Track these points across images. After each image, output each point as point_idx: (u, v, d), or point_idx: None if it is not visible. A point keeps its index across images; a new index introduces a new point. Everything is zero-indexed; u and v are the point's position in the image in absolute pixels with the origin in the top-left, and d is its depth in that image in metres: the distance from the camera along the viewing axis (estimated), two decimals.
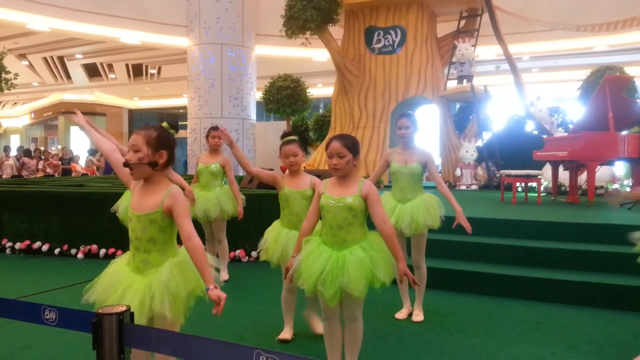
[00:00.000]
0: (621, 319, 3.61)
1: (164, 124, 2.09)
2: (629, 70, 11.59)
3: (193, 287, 1.99)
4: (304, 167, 11.58)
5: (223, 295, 1.83)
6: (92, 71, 19.04)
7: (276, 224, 3.16)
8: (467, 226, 3.31)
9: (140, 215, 1.99)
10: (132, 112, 25.43)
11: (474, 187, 10.29)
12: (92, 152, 16.60)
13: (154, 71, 18.97)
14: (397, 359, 2.93)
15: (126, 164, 1.96)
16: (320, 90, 18.73)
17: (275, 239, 3.04)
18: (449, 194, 3.39)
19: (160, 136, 2.00)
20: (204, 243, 5.20)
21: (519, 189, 8.04)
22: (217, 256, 4.92)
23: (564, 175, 8.02)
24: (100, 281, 2.04)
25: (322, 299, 2.34)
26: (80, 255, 5.91)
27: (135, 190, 2.07)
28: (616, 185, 8.98)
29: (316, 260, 2.30)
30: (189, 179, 8.34)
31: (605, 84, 6.54)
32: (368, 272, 2.26)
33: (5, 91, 11.02)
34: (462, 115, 13.04)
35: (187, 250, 1.94)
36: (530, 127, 11.00)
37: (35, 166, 13.49)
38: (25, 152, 14.11)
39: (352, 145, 2.37)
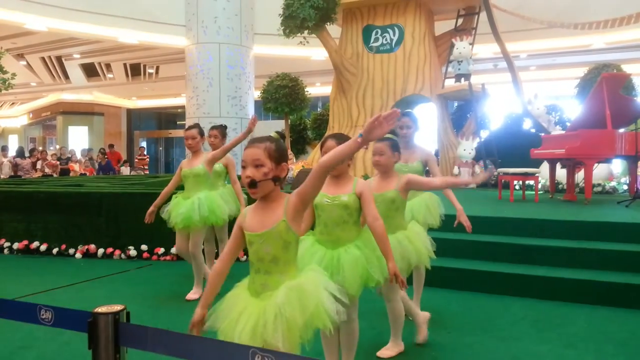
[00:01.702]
0: (618, 316, 3.62)
1: (274, 134, 1.97)
2: (626, 68, 11.59)
3: (311, 315, 1.76)
4: (303, 166, 11.59)
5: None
6: (90, 71, 19.01)
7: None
8: (468, 225, 3.32)
9: (264, 233, 1.82)
10: (130, 112, 25.39)
11: (472, 185, 10.30)
12: (86, 151, 16.59)
13: (152, 71, 18.95)
14: (394, 357, 2.93)
15: (253, 184, 1.80)
16: (318, 89, 18.73)
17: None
18: (449, 192, 3.41)
19: (280, 148, 1.85)
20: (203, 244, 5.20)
21: (517, 187, 8.05)
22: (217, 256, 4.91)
23: (561, 173, 8.03)
24: (221, 305, 1.89)
25: None
26: (78, 255, 5.91)
27: (249, 211, 1.93)
28: (613, 183, 8.99)
29: (310, 259, 2.30)
30: None
31: (603, 81, 6.55)
32: (363, 270, 2.27)
33: (3, 91, 11.01)
34: (460, 113, 13.05)
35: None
36: (527, 125, 11.00)
37: (29, 166, 13.42)
38: (18, 153, 13.97)
39: None
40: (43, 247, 6.07)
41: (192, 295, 4.21)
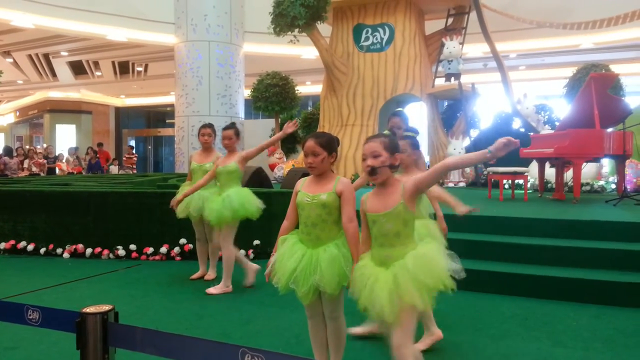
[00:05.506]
0: (605, 314, 3.65)
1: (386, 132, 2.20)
2: (614, 68, 11.71)
3: (438, 277, 2.12)
4: (293, 165, 11.56)
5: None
6: (78, 69, 18.80)
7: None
8: (444, 234, 3.38)
9: (386, 213, 2.10)
10: (118, 110, 25.19)
11: (462, 184, 10.35)
12: (74, 150, 16.40)
13: (141, 69, 18.79)
14: (383, 356, 2.93)
15: (373, 171, 2.10)
16: (308, 88, 18.71)
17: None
18: (434, 200, 3.41)
19: (393, 141, 2.18)
20: (193, 243, 5.18)
21: (506, 186, 8.10)
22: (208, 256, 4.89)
23: (550, 172, 8.09)
24: (354, 278, 2.18)
25: (297, 296, 2.35)
26: (66, 255, 5.84)
27: (369, 195, 2.20)
28: (601, 182, 9.08)
29: (290, 258, 2.31)
30: (177, 177, 8.30)
31: (591, 81, 6.61)
32: (340, 269, 2.27)
33: None
34: (450, 112, 13.09)
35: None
36: (517, 124, 11.08)
37: (16, 165, 13.18)
38: (5, 151, 13.48)
39: (326, 143, 2.36)
40: (30, 247, 6.00)
41: (213, 290, 4.30)
